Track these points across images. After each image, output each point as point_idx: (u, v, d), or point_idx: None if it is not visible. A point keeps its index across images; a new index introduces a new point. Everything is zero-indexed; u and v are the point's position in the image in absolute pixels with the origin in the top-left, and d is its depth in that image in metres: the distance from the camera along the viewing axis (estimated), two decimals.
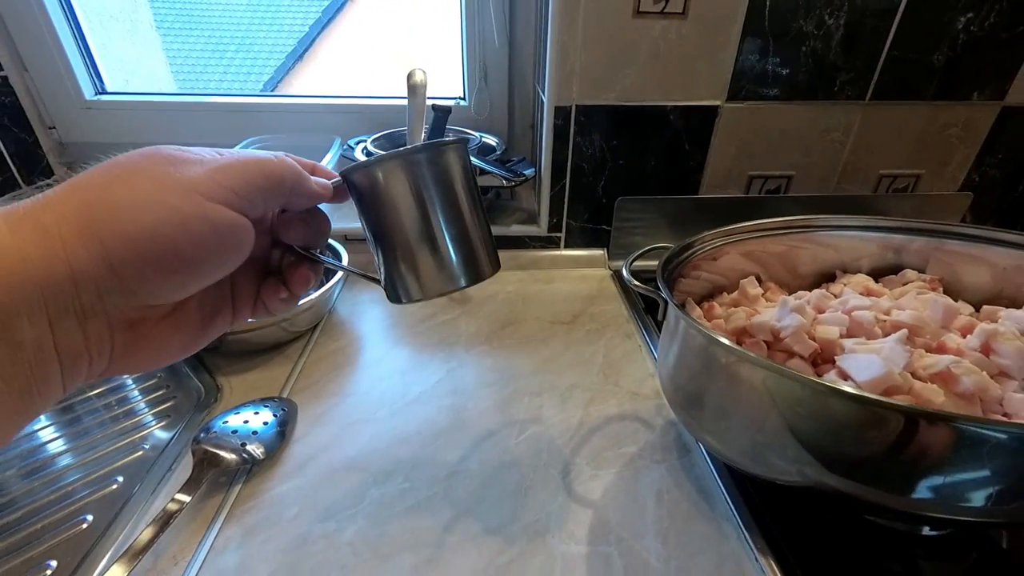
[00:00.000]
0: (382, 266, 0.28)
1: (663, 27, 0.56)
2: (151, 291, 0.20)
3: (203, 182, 0.20)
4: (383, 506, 0.37)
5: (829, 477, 0.28)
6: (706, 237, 0.42)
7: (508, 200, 0.77)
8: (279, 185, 0.23)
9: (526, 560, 0.33)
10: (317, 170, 0.26)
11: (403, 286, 0.28)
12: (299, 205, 0.25)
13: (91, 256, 0.18)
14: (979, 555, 0.34)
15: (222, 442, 0.39)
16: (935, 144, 0.67)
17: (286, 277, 0.27)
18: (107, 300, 0.19)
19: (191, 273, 0.20)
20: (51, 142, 0.75)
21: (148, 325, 0.21)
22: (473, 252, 0.28)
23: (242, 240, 0.22)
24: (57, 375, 0.18)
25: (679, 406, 0.37)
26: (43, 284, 0.17)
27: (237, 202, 0.21)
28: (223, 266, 0.22)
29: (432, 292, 0.27)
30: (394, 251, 0.27)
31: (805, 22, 0.57)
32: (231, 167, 0.21)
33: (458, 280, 0.27)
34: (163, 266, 0.19)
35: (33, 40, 0.68)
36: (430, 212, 0.26)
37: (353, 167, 0.26)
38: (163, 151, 0.20)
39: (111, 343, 0.20)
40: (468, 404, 0.46)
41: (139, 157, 0.20)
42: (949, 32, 0.59)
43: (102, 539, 0.34)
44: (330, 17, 3.30)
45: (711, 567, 0.33)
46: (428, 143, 0.27)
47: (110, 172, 0.19)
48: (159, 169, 0.19)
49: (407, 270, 0.27)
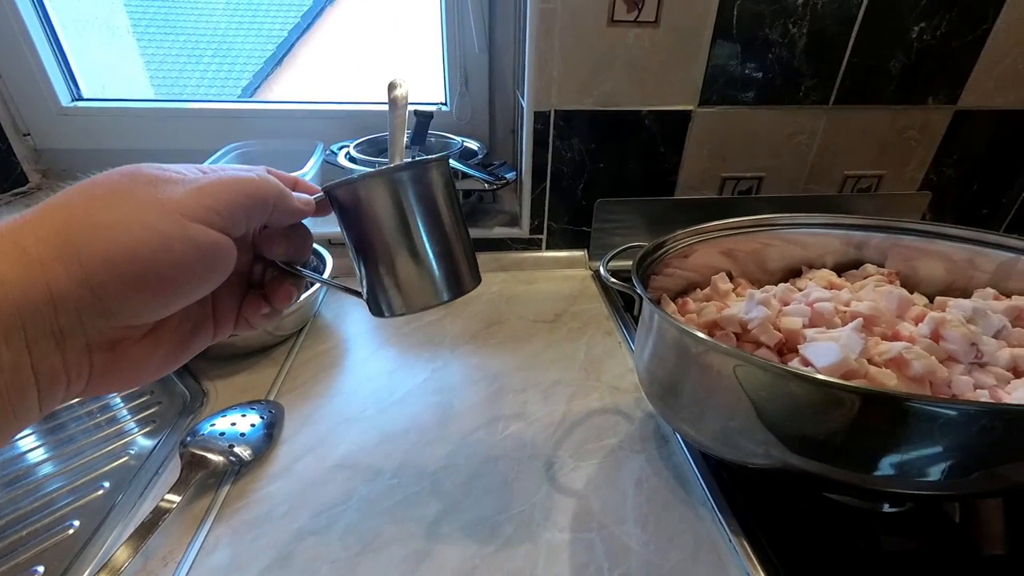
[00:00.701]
0: (364, 280, 0.28)
1: (636, 35, 0.58)
2: (132, 312, 0.20)
3: (184, 202, 0.20)
4: (372, 502, 0.38)
5: (794, 458, 0.30)
6: (679, 236, 0.44)
7: (490, 203, 0.78)
8: (262, 204, 0.23)
9: (512, 548, 0.35)
10: (299, 185, 0.27)
11: (386, 301, 0.28)
12: (281, 222, 0.25)
13: (71, 278, 0.17)
14: (934, 529, 0.36)
15: (209, 445, 0.39)
16: (895, 146, 0.71)
17: (268, 292, 0.27)
18: (86, 321, 0.18)
19: (172, 293, 0.20)
20: (25, 149, 0.74)
21: (127, 344, 0.21)
22: (455, 267, 0.28)
23: (224, 260, 0.22)
24: (34, 397, 0.18)
25: (656, 397, 0.38)
26: (21, 307, 0.17)
27: (219, 222, 0.21)
28: (205, 285, 0.22)
29: (415, 307, 0.28)
30: (376, 266, 0.27)
31: (771, 30, 0.60)
32: (212, 187, 0.21)
33: (440, 295, 0.28)
34: (144, 287, 0.19)
35: (6, 45, 0.67)
36: (413, 229, 0.27)
37: (336, 184, 0.27)
38: (143, 170, 0.20)
39: (89, 364, 0.20)
40: (454, 402, 0.47)
41: (119, 177, 0.20)
42: (905, 40, 0.63)
43: (89, 544, 0.34)
44: (309, 22, 3.28)
45: (688, 549, 0.35)
46: (412, 162, 0.27)
47: (90, 192, 0.19)
48: (140, 190, 0.19)
49: (390, 285, 0.28)
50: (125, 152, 0.76)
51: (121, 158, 0.22)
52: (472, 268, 0.30)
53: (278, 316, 0.28)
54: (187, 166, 0.22)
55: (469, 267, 0.29)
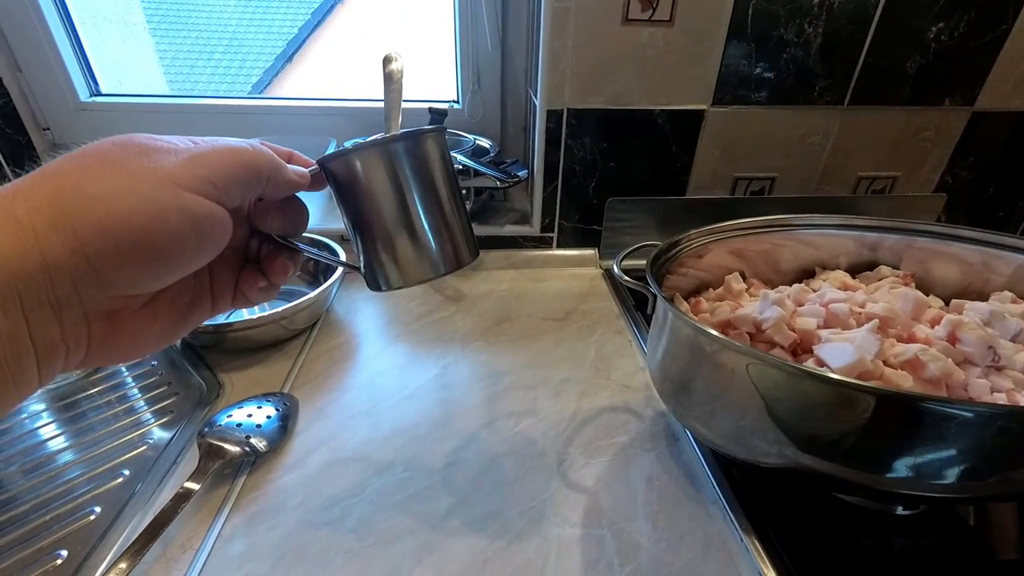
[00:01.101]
0: (361, 254, 0.28)
1: (650, 34, 0.58)
2: (127, 282, 0.19)
3: (179, 172, 0.19)
4: (384, 495, 0.38)
5: (806, 457, 0.30)
6: (692, 235, 0.44)
7: (501, 201, 0.79)
8: (256, 174, 0.22)
9: (523, 543, 0.35)
10: (294, 158, 0.26)
11: (383, 274, 0.28)
12: (276, 194, 0.25)
13: (65, 247, 0.17)
14: (948, 532, 0.36)
15: (226, 435, 0.40)
16: (910, 147, 0.70)
17: (264, 266, 0.27)
18: (83, 291, 0.18)
19: (168, 264, 0.20)
20: (45, 143, 0.75)
21: (125, 315, 0.21)
22: (452, 239, 0.28)
23: (219, 231, 0.21)
24: (33, 367, 0.18)
25: (667, 395, 0.39)
26: (16, 275, 0.17)
27: (214, 192, 0.21)
28: (200, 256, 0.21)
29: (412, 280, 0.28)
30: (373, 239, 0.27)
31: (786, 30, 0.60)
32: (206, 157, 0.21)
33: (437, 267, 0.28)
34: (139, 257, 0.19)
35: (28, 41, 0.68)
36: (409, 200, 0.26)
37: (330, 155, 0.26)
38: (135, 140, 0.20)
39: (88, 334, 0.20)
40: (464, 398, 0.48)
41: (110, 146, 0.19)
42: (922, 41, 0.62)
43: (110, 529, 0.35)
44: (319, 19, 3.29)
45: (699, 546, 0.35)
46: (406, 131, 0.26)
47: (81, 161, 0.19)
48: (132, 159, 0.19)
49: (387, 258, 0.27)
50: None
51: None
52: (469, 241, 0.29)
53: (275, 290, 0.27)
54: (178, 137, 0.22)
55: (466, 240, 0.29)
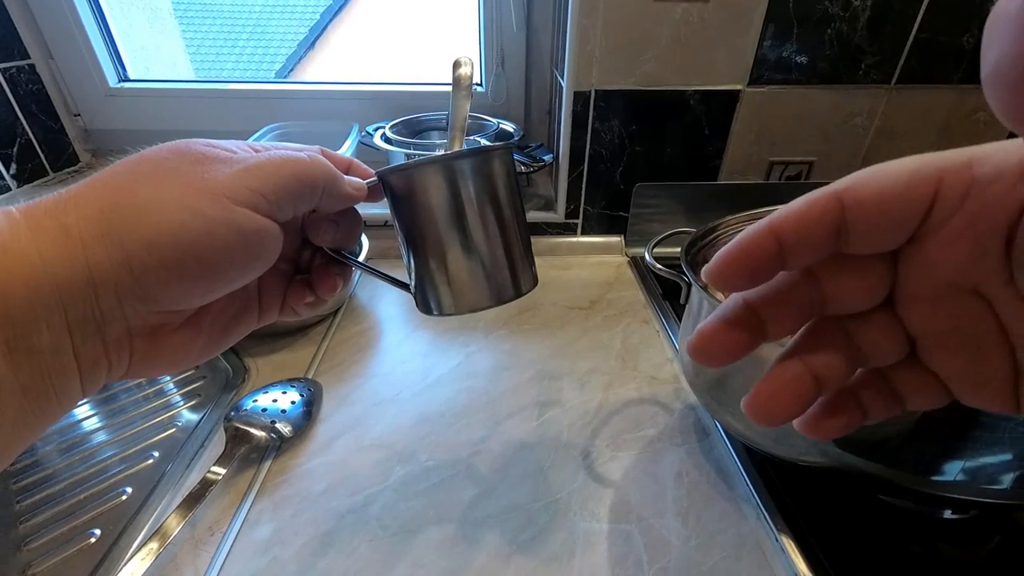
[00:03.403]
0: (413, 274, 0.27)
1: (684, 10, 0.55)
2: (173, 297, 0.19)
3: (231, 185, 0.19)
4: (408, 483, 0.38)
5: (851, 458, 0.29)
6: (730, 221, 0.42)
7: (525, 187, 0.77)
8: (311, 187, 0.22)
9: (548, 536, 0.34)
10: (353, 167, 0.25)
11: (435, 298, 0.26)
12: (331, 207, 0.24)
13: (112, 261, 0.17)
14: (1002, 538, 0.34)
15: (252, 420, 0.40)
16: (961, 130, 0.66)
17: (313, 280, 0.26)
18: (127, 306, 0.18)
19: (215, 280, 0.19)
20: (76, 129, 0.77)
21: (169, 330, 0.20)
22: (512, 267, 0.26)
23: (269, 246, 0.21)
24: (76, 382, 0.18)
25: (701, 389, 0.37)
26: (62, 288, 0.16)
27: (266, 206, 0.20)
28: (248, 273, 0.21)
29: (464, 308, 0.26)
30: (427, 261, 0.25)
31: (831, 4, 0.56)
32: (261, 168, 0.20)
33: (493, 297, 0.26)
34: (185, 273, 0.18)
35: (59, 28, 0.69)
36: (469, 223, 0.25)
37: (391, 169, 0.25)
38: (193, 147, 0.19)
39: (130, 349, 0.19)
40: (488, 387, 0.47)
41: (167, 153, 0.19)
42: (981, 12, 0.58)
43: (141, 510, 0.36)
44: (341, 4, 3.29)
45: (730, 546, 0.34)
46: (473, 149, 0.25)
47: (136, 169, 0.18)
48: (186, 168, 0.19)
49: (440, 282, 0.26)
50: (168, 132, 0.77)
51: (164, 138, 0.21)
52: (529, 269, 0.27)
53: (322, 304, 0.26)
54: (237, 143, 0.21)
55: (526, 268, 0.27)
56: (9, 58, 0.67)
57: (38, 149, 0.72)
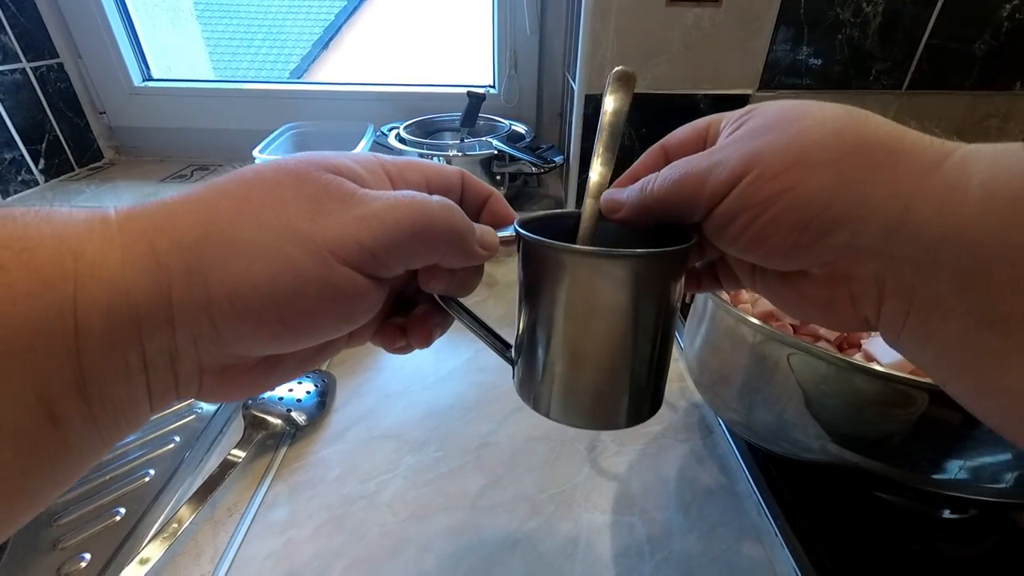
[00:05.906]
0: (522, 351, 0.23)
1: (696, 15, 0.56)
2: (248, 347, 0.18)
3: (341, 237, 0.17)
4: (418, 472, 0.39)
5: (850, 454, 0.29)
6: None
7: (535, 187, 0.78)
8: (432, 248, 0.19)
9: (553, 525, 0.35)
10: (492, 202, 0.22)
11: (534, 391, 0.23)
12: (454, 264, 0.21)
13: (194, 302, 0.16)
14: (1001, 539, 0.34)
15: (269, 408, 0.42)
16: (972, 135, 0.66)
17: (409, 327, 0.23)
18: (201, 347, 0.17)
19: (296, 337, 0.18)
20: (101, 126, 0.79)
21: (243, 369, 0.19)
22: (636, 396, 0.22)
23: (364, 308, 0.19)
24: (146, 408, 0.17)
25: (705, 387, 0.38)
26: (142, 324, 0.16)
27: (372, 266, 0.18)
28: (335, 333, 0.19)
29: (558, 418, 0.23)
30: (545, 350, 0.22)
31: (842, 10, 0.57)
32: (381, 220, 0.18)
33: (596, 422, 0.23)
34: (264, 329, 0.17)
35: (88, 29, 0.71)
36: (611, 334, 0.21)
37: (539, 240, 0.20)
38: (314, 177, 0.18)
39: (199, 383, 0.18)
40: (497, 381, 0.48)
41: (285, 178, 0.17)
42: (993, 20, 0.58)
43: (163, 491, 0.37)
44: (356, 5, 3.32)
45: (732, 539, 0.34)
46: (648, 253, 0.19)
47: (246, 194, 0.17)
48: (299, 205, 0.17)
49: (547, 379, 0.22)
50: (188, 131, 0.80)
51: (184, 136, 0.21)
52: (656, 395, 0.23)
53: (409, 351, 0.23)
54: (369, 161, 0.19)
55: (654, 394, 0.23)
56: (40, 57, 0.69)
57: (65, 145, 0.75)
